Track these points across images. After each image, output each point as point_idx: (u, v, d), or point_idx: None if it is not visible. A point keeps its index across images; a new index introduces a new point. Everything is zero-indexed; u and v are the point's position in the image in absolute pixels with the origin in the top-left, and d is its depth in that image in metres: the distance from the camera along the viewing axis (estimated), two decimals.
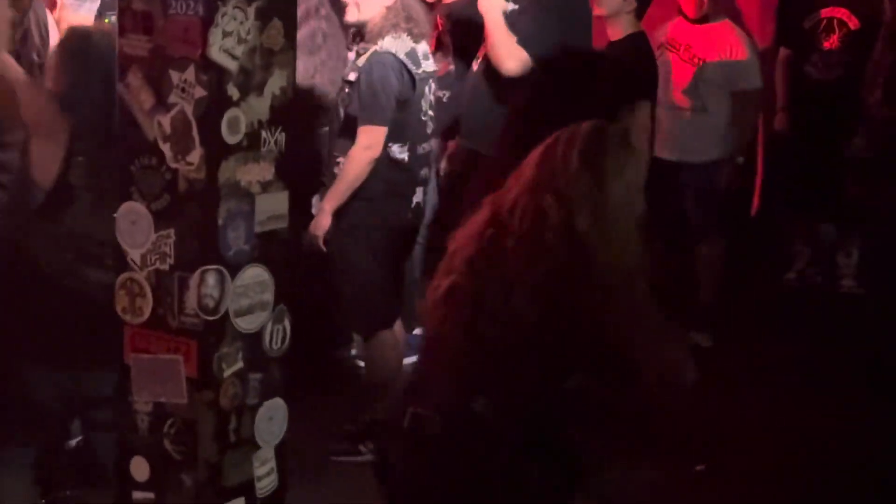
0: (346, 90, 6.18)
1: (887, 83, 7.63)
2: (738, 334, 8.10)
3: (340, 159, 6.14)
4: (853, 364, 7.41)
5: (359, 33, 6.32)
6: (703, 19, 7.97)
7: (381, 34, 6.10)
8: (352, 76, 6.13)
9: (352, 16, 6.22)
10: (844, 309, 8.40)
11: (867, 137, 8.01)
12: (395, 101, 6.02)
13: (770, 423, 6.89)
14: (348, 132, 6.11)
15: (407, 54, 6.10)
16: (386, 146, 6.02)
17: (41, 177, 4.52)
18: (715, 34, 7.98)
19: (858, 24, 8.40)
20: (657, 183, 7.75)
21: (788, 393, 7.25)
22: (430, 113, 6.38)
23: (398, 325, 6.50)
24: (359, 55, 6.21)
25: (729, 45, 7.96)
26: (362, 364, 7.04)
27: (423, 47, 6.30)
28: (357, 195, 6.02)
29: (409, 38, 6.16)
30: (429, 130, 6.39)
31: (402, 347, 6.56)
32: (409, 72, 6.09)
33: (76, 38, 4.79)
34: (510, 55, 6.36)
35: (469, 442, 3.39)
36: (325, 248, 6.06)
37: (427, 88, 6.30)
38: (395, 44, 6.10)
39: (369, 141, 6.01)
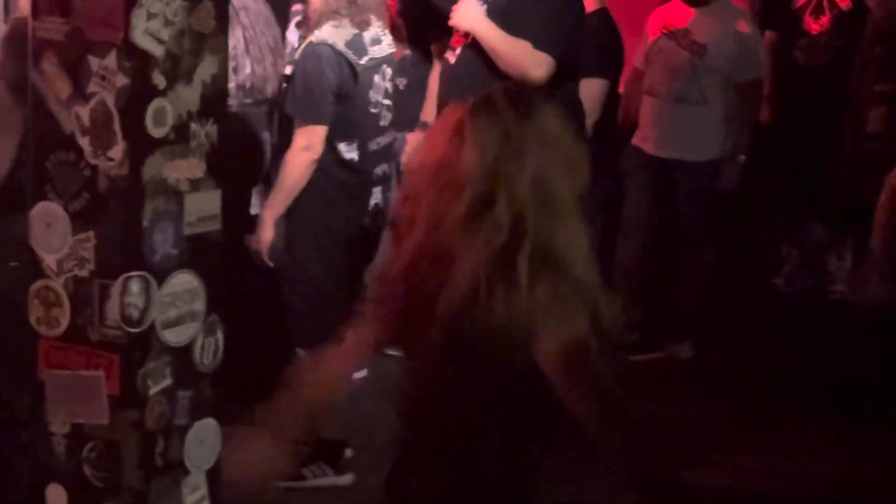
0: (284, 86, 6.15)
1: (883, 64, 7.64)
2: (720, 344, 8.10)
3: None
4: (845, 377, 7.41)
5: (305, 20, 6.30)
6: (701, 1, 7.93)
7: (319, 22, 6.06)
8: (288, 70, 6.12)
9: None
10: (836, 316, 8.37)
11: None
12: (332, 96, 5.96)
13: (752, 441, 6.89)
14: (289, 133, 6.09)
15: (348, 43, 6.05)
16: (332, 146, 5.97)
17: None
18: (715, 17, 7.93)
19: (850, 4, 8.39)
20: (652, 182, 7.86)
21: (774, 408, 7.25)
22: (385, 102, 6.33)
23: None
24: (296, 48, 6.20)
25: (731, 28, 7.91)
26: None
27: (373, 32, 6.24)
28: (304, 200, 5.98)
29: (351, 25, 6.13)
30: (383, 123, 6.34)
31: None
32: (349, 63, 6.04)
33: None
34: (535, 64, 6.28)
35: None
36: (270, 263, 6.04)
37: (378, 77, 6.25)
38: (334, 33, 6.06)
39: (307, 141, 5.97)
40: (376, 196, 6.30)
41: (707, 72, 7.79)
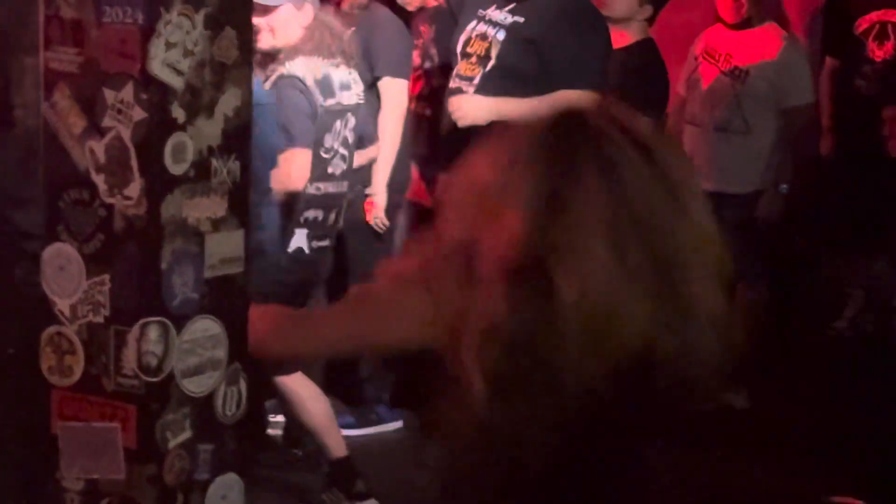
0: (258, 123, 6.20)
1: None
2: (779, 393, 8.09)
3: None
4: None
5: (268, 56, 6.35)
6: (743, 24, 7.99)
7: (292, 56, 6.15)
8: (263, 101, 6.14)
9: (265, 42, 6.26)
10: None
11: None
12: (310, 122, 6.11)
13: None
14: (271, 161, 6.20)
15: (317, 81, 6.13)
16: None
17: None
18: (758, 41, 7.98)
19: None
20: None
21: (835, 466, 7.25)
22: (342, 151, 6.40)
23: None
24: (267, 78, 6.24)
25: (776, 53, 7.95)
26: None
27: (342, 74, 6.31)
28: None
29: (323, 61, 6.20)
30: (331, 170, 6.42)
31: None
32: (310, 102, 6.14)
33: None
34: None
35: None
36: None
37: (339, 123, 6.33)
38: (305, 67, 6.14)
39: (296, 166, 6.18)
40: (299, 239, 6.35)
41: (750, 98, 7.83)
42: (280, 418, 7.24)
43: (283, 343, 3.69)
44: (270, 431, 7.32)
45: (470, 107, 6.55)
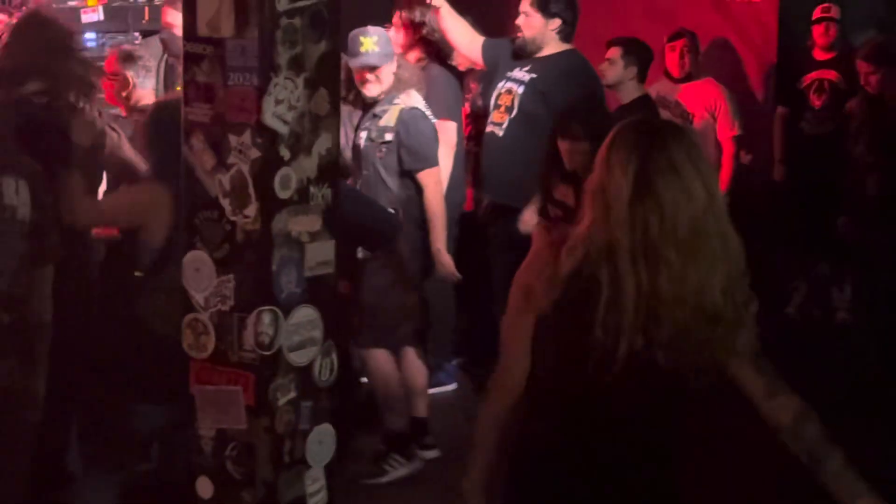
0: (383, 150, 6.15)
1: (871, 137, 7.60)
2: None
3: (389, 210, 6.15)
4: (846, 393, 7.37)
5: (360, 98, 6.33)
6: (686, 78, 8.00)
7: (392, 94, 6.14)
8: (388, 136, 6.09)
9: (374, 91, 6.16)
10: (839, 339, 8.35)
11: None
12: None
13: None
14: (386, 185, 6.15)
15: (424, 107, 6.16)
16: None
17: (152, 240, 4.62)
18: (699, 92, 8.00)
19: (845, 85, 8.38)
20: None
21: None
22: None
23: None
24: (376, 117, 6.20)
25: (713, 99, 7.99)
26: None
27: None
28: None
29: (417, 92, 6.21)
30: None
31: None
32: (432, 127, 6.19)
33: (164, 111, 4.79)
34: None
35: None
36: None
37: None
38: (412, 99, 6.14)
39: (437, 180, 6.16)
40: None
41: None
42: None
43: None
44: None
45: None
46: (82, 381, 5.17)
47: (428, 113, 6.20)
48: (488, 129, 6.92)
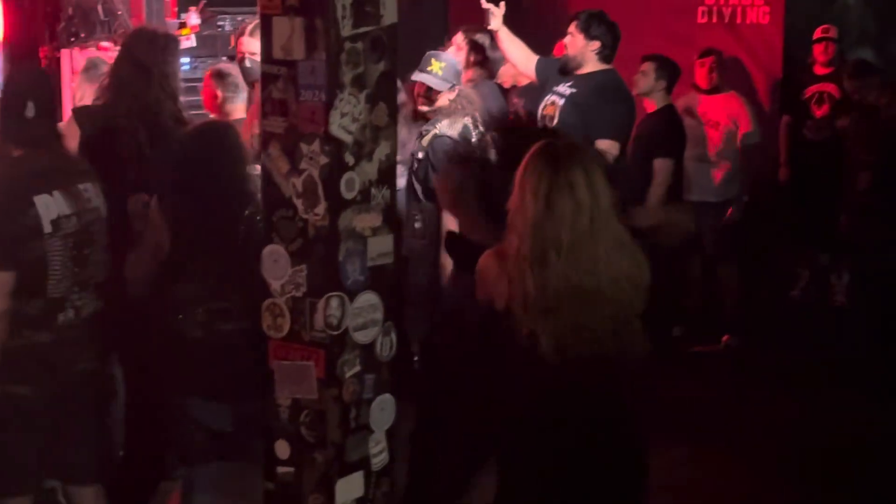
0: (416, 165, 6.16)
1: (864, 138, 7.56)
2: (755, 338, 8.03)
3: (417, 217, 6.15)
4: (842, 364, 7.37)
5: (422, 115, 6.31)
6: (713, 90, 7.94)
7: (438, 118, 6.12)
8: (420, 155, 6.11)
9: (423, 107, 6.20)
10: (836, 319, 8.30)
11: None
12: None
13: (772, 406, 6.90)
14: (418, 196, 6.16)
15: (459, 134, 6.09)
16: None
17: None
18: (724, 102, 7.94)
19: (842, 97, 8.30)
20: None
21: (789, 386, 7.24)
22: None
23: None
24: (421, 135, 6.17)
25: (736, 110, 7.92)
26: None
27: (472, 127, 6.22)
28: None
29: (462, 119, 6.14)
30: None
31: None
32: None
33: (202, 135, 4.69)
34: (610, 148, 6.46)
35: None
36: None
37: None
38: (450, 128, 6.10)
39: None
40: None
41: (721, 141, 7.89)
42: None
43: None
44: None
45: None
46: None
47: (454, 138, 6.15)
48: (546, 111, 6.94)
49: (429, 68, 6.11)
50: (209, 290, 4.32)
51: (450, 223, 5.67)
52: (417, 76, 6.14)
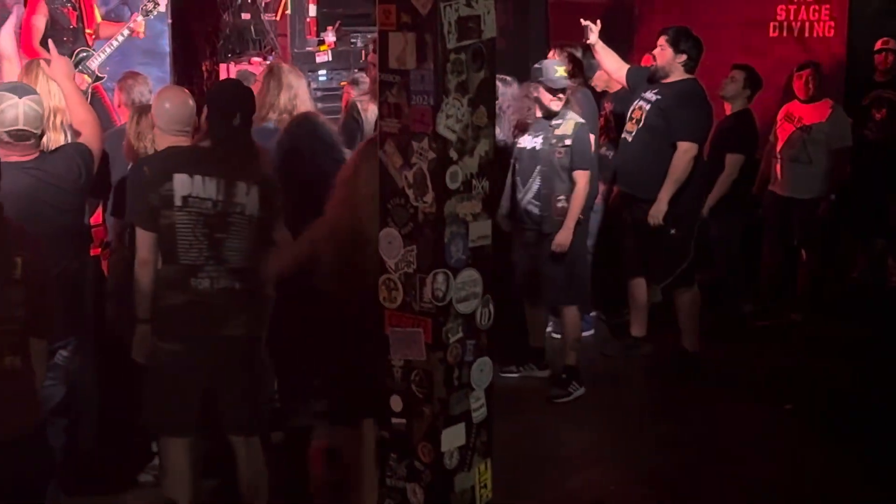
0: (560, 153, 6.29)
1: None
2: (822, 314, 7.87)
3: (561, 197, 6.28)
4: None
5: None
6: (810, 100, 7.78)
7: (564, 111, 6.23)
8: (567, 142, 6.27)
9: (557, 106, 6.32)
10: (892, 299, 8.12)
11: None
12: None
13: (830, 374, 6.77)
14: (560, 178, 6.32)
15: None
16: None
17: None
18: (818, 109, 7.76)
19: None
20: (782, 213, 7.70)
21: (849, 357, 7.07)
22: None
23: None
24: (552, 126, 6.31)
25: (829, 116, 7.73)
26: (557, 336, 7.01)
27: None
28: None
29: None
30: None
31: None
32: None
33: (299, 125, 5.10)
34: (687, 150, 6.44)
35: None
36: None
37: None
38: (577, 117, 6.35)
39: (587, 179, 6.31)
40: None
41: (812, 143, 7.66)
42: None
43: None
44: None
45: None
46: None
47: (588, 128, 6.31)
48: (623, 135, 6.92)
49: (556, 75, 6.28)
50: None
51: None
52: (550, 84, 6.27)
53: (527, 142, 6.38)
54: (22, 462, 3.44)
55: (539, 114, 6.38)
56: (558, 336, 6.97)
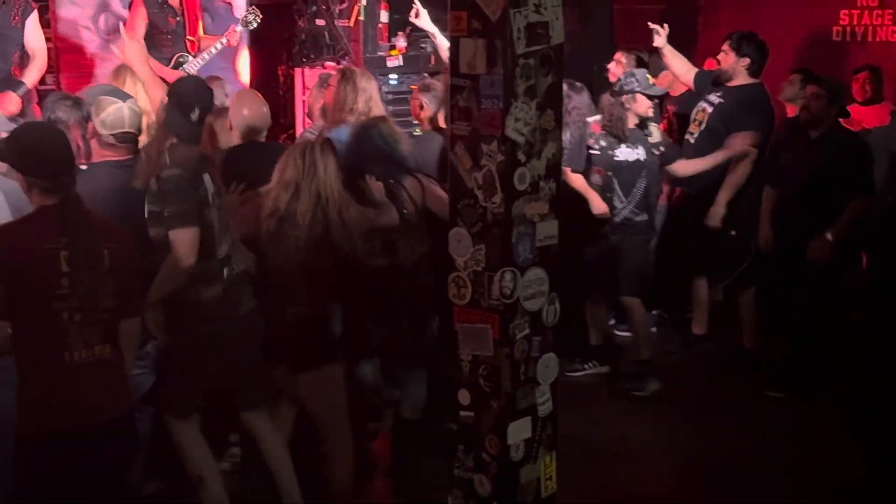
0: (657, 159, 6.38)
1: None
2: (882, 313, 7.67)
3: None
4: None
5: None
6: (867, 102, 7.65)
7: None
8: (662, 148, 6.38)
9: (652, 112, 6.38)
10: None
11: None
12: None
13: None
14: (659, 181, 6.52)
15: None
16: None
17: None
18: (877, 112, 7.63)
19: None
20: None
21: None
22: None
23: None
24: (645, 135, 6.38)
25: (887, 118, 7.60)
26: (622, 333, 6.99)
27: None
28: None
29: None
30: None
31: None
32: None
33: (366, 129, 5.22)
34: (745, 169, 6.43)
35: None
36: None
37: None
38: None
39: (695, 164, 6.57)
40: None
41: (872, 145, 7.52)
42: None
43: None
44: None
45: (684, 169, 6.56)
46: None
47: None
48: (686, 136, 6.89)
49: (651, 83, 6.29)
50: None
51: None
52: (649, 91, 6.28)
53: (626, 153, 6.30)
54: (111, 446, 3.52)
55: (632, 124, 6.31)
56: (623, 333, 6.95)
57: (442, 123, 5.75)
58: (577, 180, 6.32)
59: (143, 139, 4.85)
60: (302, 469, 4.65)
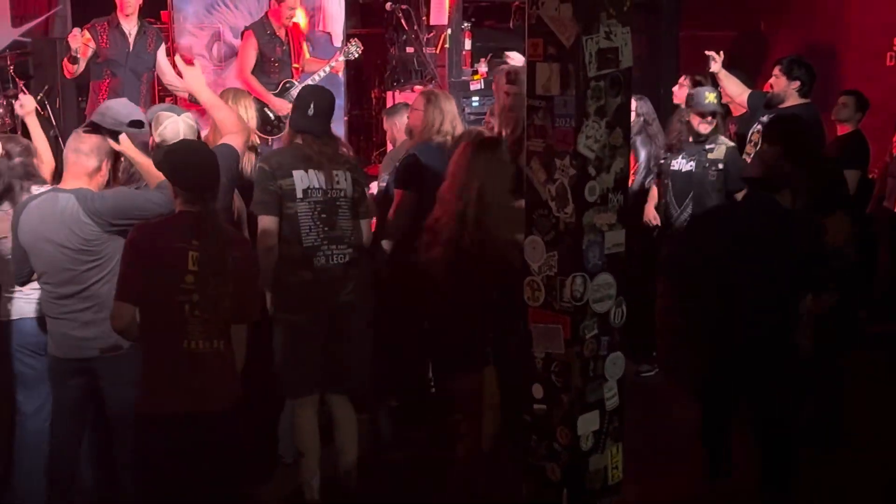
0: (713, 175, 6.19)
1: None
2: None
3: None
4: None
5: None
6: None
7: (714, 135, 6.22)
8: (720, 165, 6.19)
9: (707, 129, 6.22)
10: None
11: None
12: None
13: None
14: (712, 198, 6.19)
15: None
16: None
17: None
18: None
19: None
20: (890, 227, 7.41)
21: None
22: None
23: None
24: (705, 150, 6.22)
25: None
26: None
27: None
28: None
29: None
30: None
31: None
32: None
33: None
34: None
35: None
36: None
37: None
38: (726, 142, 6.30)
39: None
40: None
41: None
42: None
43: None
44: None
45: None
46: None
47: None
48: (742, 156, 6.82)
49: (706, 101, 6.20)
50: None
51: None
52: (701, 108, 6.17)
53: (680, 164, 6.28)
54: (223, 434, 3.62)
55: (690, 137, 6.29)
56: None
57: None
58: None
59: (250, 156, 4.97)
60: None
